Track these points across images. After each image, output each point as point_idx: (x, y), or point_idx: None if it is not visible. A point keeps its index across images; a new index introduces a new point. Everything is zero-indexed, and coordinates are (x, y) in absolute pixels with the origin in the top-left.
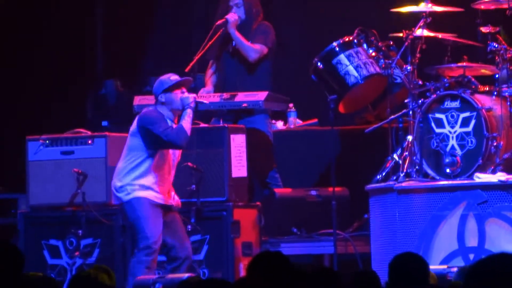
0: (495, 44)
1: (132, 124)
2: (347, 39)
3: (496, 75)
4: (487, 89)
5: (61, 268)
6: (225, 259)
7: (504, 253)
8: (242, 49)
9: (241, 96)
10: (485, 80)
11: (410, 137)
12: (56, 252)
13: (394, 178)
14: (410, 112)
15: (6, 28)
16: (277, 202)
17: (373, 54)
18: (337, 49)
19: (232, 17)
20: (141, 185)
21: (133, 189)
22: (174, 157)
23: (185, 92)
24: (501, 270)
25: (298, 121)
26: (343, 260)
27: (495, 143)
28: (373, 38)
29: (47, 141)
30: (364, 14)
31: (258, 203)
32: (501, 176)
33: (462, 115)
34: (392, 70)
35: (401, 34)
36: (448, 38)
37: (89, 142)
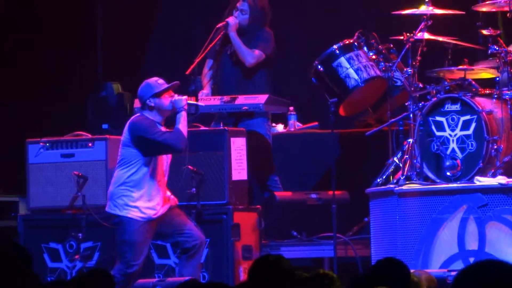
0: (496, 47)
1: (123, 134)
2: (347, 42)
3: (497, 78)
4: (487, 92)
5: (61, 272)
6: (225, 263)
7: (491, 260)
8: (239, 53)
9: (241, 99)
10: (486, 83)
11: (410, 140)
12: (56, 256)
13: (395, 181)
14: (411, 115)
15: (6, 28)
16: (277, 205)
17: (374, 57)
18: (337, 52)
19: (233, 21)
20: (134, 200)
21: (126, 205)
22: (167, 157)
23: (174, 95)
24: (488, 276)
25: (299, 124)
26: (343, 264)
27: (495, 146)
28: (374, 41)
29: (47, 144)
30: (365, 17)
31: (258, 206)
32: (501, 180)
33: (462, 118)
34: (392, 73)
35: (402, 37)
36: (449, 41)
37: (89, 144)
